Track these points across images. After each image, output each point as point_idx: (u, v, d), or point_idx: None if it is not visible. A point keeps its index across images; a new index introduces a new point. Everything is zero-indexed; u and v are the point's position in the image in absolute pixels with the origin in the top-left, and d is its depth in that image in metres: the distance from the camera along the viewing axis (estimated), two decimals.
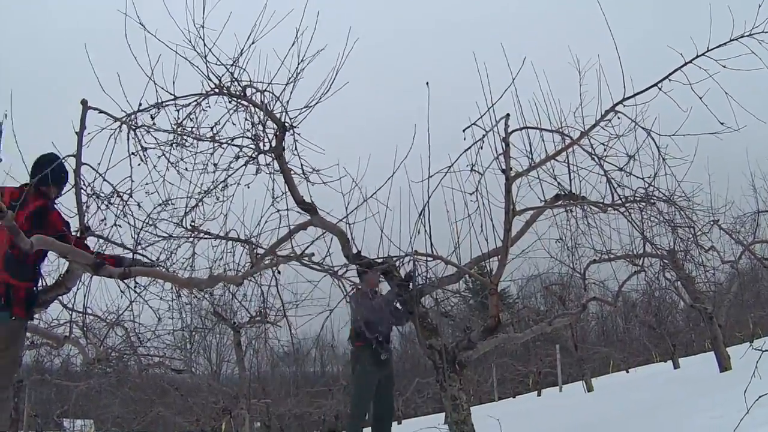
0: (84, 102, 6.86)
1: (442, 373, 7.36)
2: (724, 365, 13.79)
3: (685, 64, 7.01)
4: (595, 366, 34.14)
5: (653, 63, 8.01)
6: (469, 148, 7.36)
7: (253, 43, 7.33)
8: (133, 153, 7.35)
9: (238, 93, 7.63)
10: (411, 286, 7.59)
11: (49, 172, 6.59)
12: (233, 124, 7.76)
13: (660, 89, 7.25)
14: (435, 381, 8.07)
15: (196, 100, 7.59)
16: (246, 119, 7.79)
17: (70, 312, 9.30)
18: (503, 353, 35.09)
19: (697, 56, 6.93)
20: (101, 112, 7.08)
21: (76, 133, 6.84)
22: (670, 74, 7.15)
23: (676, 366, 22.82)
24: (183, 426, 26.55)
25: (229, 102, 7.72)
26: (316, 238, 7.75)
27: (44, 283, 7.31)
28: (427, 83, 7.47)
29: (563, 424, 8.36)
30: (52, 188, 6.96)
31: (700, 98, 6.85)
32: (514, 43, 7.94)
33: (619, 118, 7.68)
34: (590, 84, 7.62)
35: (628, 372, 32.50)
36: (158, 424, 29.08)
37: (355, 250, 7.71)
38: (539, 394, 30.53)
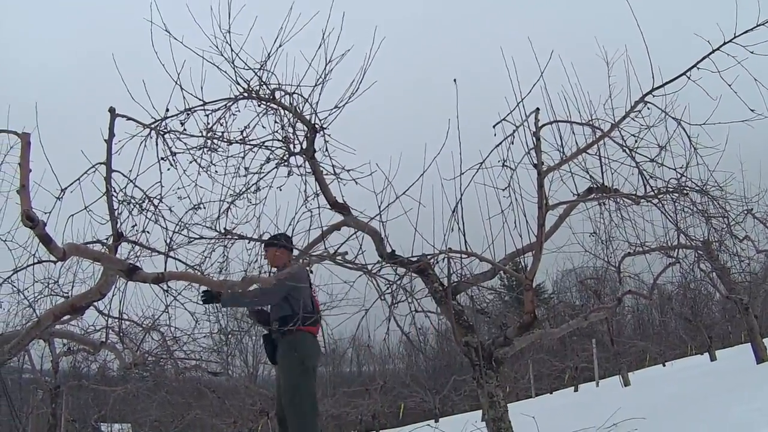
0: (112, 110, 6.91)
1: (479, 370, 7.33)
2: (761, 356, 13.63)
3: (713, 51, 6.95)
4: (632, 360, 34.02)
5: (681, 52, 7.97)
6: (500, 143, 7.34)
7: (280, 46, 7.39)
8: (162, 158, 7.42)
9: (267, 96, 7.67)
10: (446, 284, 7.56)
11: None
12: (263, 127, 7.83)
13: (689, 78, 7.19)
14: (472, 378, 8.05)
15: (225, 105, 7.65)
16: (276, 122, 7.85)
17: (106, 318, 9.40)
18: (540, 349, 34.98)
19: (725, 43, 6.86)
20: (129, 119, 7.14)
21: (105, 141, 6.90)
22: (698, 62, 7.09)
23: (712, 358, 22.63)
24: (220, 428, 26.70)
25: (258, 105, 7.77)
26: (349, 237, 7.76)
27: None
28: (455, 80, 7.45)
29: (600, 420, 8.30)
30: None
31: (729, 85, 6.80)
32: (540, 37, 7.88)
33: (649, 108, 7.64)
34: (619, 75, 7.60)
35: (664, 365, 32.27)
36: (195, 426, 29.30)
37: (389, 249, 7.71)
38: (576, 390, 30.41)
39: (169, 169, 7.40)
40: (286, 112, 7.72)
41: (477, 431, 9.20)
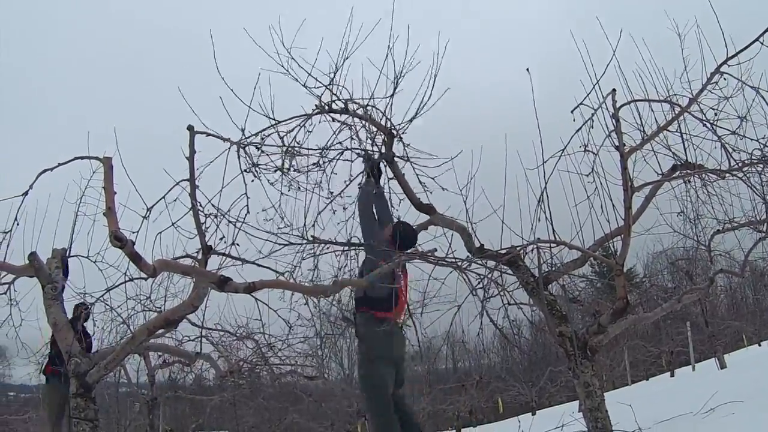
0: (190, 127, 7.05)
1: (574, 360, 7.27)
2: None
3: None
4: (727, 341, 33.25)
5: (754, 16, 7.77)
6: (580, 128, 7.26)
7: (346, 58, 7.44)
8: (245, 170, 7.52)
9: (340, 109, 7.74)
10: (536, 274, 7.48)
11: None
12: (340, 144, 7.92)
13: (762, 44, 7.02)
14: (567, 369, 7.96)
15: (299, 124, 7.75)
16: (351, 136, 7.93)
17: (201, 329, 9.59)
18: (634, 335, 34.51)
19: None
20: (209, 134, 7.27)
21: (187, 158, 7.03)
22: None
23: None
24: (317, 431, 26.98)
25: (333, 120, 7.86)
26: (437, 236, 7.78)
27: None
28: (528, 69, 7.40)
29: (696, 405, 8.13)
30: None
31: None
32: (609, 15, 7.78)
33: (725, 79, 7.46)
34: (692, 47, 7.48)
35: (760, 345, 31.46)
36: (293, 430, 29.63)
37: (477, 244, 7.69)
38: (672, 375, 29.86)
39: (252, 181, 7.51)
40: (361, 122, 7.78)
41: (574, 422, 9.11)
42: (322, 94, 7.68)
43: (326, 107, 7.73)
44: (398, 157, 7.83)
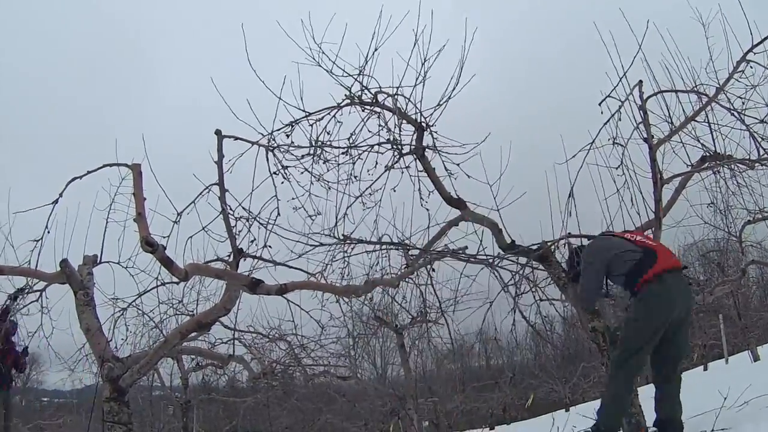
0: (218, 132, 7.10)
1: (607, 355, 7.25)
2: None
3: None
4: (761, 333, 32.90)
5: None
6: (608, 121, 7.24)
7: (375, 50, 7.46)
8: (274, 172, 7.56)
9: (369, 101, 7.74)
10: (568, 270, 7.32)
11: None
12: (369, 131, 7.91)
13: None
14: (600, 364, 7.94)
15: (329, 113, 7.76)
16: (380, 126, 7.92)
17: (233, 331, 9.63)
18: None
19: None
20: (236, 138, 7.32)
21: (215, 162, 7.08)
22: None
23: None
24: (351, 431, 26.99)
25: (362, 110, 7.85)
26: (468, 233, 7.78)
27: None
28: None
29: (730, 398, 8.04)
30: None
31: None
32: (633, 7, 7.73)
33: (752, 67, 7.47)
34: (716, 36, 7.44)
35: None
36: (327, 431, 29.67)
37: (508, 240, 7.68)
38: (705, 368, 29.58)
39: (282, 183, 7.55)
40: (391, 114, 7.78)
41: None
42: (351, 86, 7.74)
43: (356, 98, 7.75)
44: (428, 148, 7.82)
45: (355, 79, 7.67)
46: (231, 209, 7.20)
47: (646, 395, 7.06)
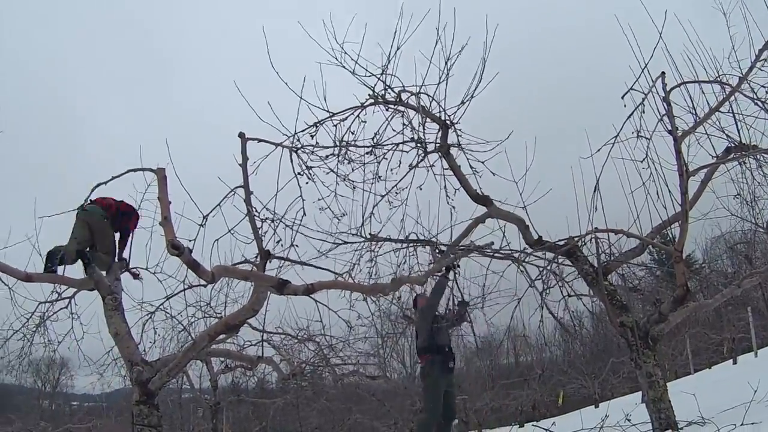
0: (242, 134, 7.14)
1: (636, 350, 7.23)
2: None
3: None
4: None
5: None
6: (632, 114, 7.18)
7: (398, 48, 7.45)
8: (299, 173, 7.59)
9: (393, 99, 7.75)
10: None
11: None
12: (393, 130, 7.92)
13: None
14: (629, 359, 7.89)
15: (353, 113, 7.77)
16: (404, 124, 7.93)
17: (262, 333, 9.66)
18: (695, 323, 33.89)
19: None
20: (260, 141, 7.35)
21: (240, 165, 7.11)
22: None
23: None
24: (381, 430, 27.02)
25: (386, 110, 7.86)
26: (494, 230, 7.78)
27: None
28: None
29: (760, 392, 7.96)
30: None
31: None
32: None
33: None
34: (738, 24, 7.38)
35: None
36: (357, 430, 29.72)
37: (535, 236, 7.66)
38: (735, 362, 29.34)
39: (307, 183, 7.57)
40: (415, 112, 7.78)
41: (638, 414, 9.01)
42: (375, 85, 7.75)
43: (379, 97, 7.75)
44: (453, 145, 7.83)
45: (378, 79, 7.69)
46: (256, 211, 7.24)
47: (677, 389, 7.03)
